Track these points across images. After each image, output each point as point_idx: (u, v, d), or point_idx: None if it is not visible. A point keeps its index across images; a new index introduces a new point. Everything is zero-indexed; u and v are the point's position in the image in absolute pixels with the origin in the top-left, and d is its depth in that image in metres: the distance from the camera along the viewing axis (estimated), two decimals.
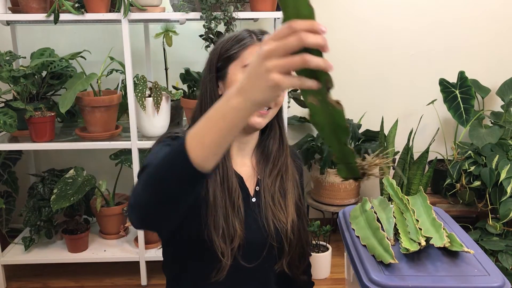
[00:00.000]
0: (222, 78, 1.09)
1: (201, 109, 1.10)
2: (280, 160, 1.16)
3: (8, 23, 2.41)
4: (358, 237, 1.24)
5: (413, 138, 2.50)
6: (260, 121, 1.08)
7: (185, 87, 2.43)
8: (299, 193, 1.21)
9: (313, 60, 0.59)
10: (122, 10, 2.10)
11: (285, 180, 1.17)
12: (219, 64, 1.09)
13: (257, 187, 1.15)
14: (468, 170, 2.33)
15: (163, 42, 2.43)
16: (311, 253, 1.68)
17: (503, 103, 2.67)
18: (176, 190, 0.74)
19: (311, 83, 0.62)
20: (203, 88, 1.12)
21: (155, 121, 2.24)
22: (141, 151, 2.28)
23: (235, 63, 1.07)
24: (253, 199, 1.14)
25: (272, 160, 1.16)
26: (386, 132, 2.53)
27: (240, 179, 1.13)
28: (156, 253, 2.37)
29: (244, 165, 1.17)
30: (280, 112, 1.16)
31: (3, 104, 2.32)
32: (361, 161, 0.78)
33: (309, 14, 0.60)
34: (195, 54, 2.59)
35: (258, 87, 0.63)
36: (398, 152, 2.56)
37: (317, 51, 0.60)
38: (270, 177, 1.15)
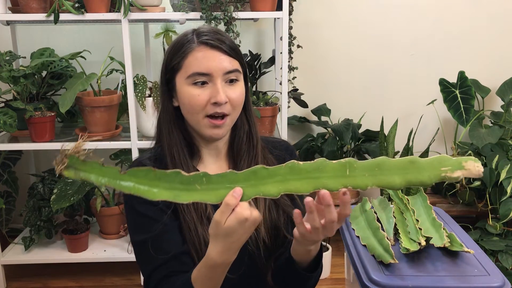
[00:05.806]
0: (173, 90, 1.06)
1: (161, 123, 1.11)
2: (249, 156, 1.09)
3: (8, 23, 2.41)
4: (358, 237, 1.24)
5: (413, 138, 2.49)
6: (217, 131, 1.04)
7: None
8: None
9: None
10: (122, 10, 2.10)
11: None
12: (167, 76, 1.06)
13: None
14: None
15: (163, 42, 2.43)
16: None
17: (503, 103, 2.67)
18: None
19: None
20: (161, 100, 1.10)
21: (155, 121, 2.24)
22: (141, 151, 2.28)
23: (180, 74, 1.03)
24: None
25: (242, 158, 1.09)
26: (386, 132, 2.52)
27: None
28: None
29: (221, 169, 1.11)
30: (246, 104, 1.09)
31: (3, 104, 2.32)
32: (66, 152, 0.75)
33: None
34: None
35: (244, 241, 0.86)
36: (398, 152, 2.56)
37: None
38: None
